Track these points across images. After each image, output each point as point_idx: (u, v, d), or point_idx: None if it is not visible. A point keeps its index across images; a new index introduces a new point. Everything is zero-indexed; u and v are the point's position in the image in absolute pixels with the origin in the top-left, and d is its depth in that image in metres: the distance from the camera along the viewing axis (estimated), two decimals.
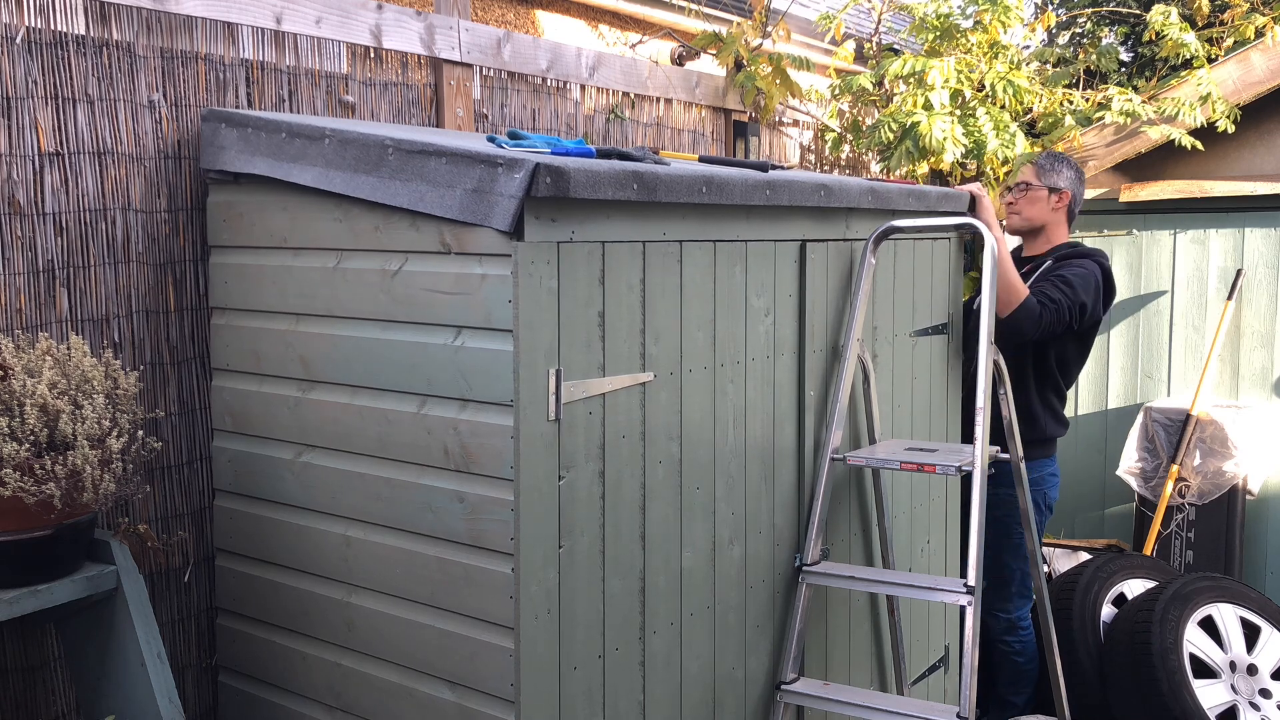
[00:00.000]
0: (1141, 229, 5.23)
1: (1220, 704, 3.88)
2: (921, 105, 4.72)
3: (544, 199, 2.11)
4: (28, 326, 2.44)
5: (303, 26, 2.92)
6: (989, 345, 3.03)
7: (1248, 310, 4.99)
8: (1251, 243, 4.98)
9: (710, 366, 2.62)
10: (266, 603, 2.66)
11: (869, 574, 3.01)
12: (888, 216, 3.20)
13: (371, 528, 2.43)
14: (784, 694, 2.87)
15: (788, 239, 2.85)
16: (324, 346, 2.48)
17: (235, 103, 2.81)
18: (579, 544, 2.29)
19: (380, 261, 2.36)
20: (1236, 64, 4.90)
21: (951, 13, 5.09)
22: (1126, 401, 5.27)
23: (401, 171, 2.27)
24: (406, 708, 2.39)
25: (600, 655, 2.36)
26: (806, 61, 4.89)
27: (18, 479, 2.09)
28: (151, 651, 2.32)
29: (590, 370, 2.28)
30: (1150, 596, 4.08)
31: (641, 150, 2.59)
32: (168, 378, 2.72)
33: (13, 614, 2.15)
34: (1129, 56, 6.73)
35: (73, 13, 2.49)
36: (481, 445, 2.20)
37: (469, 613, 2.26)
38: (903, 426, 3.42)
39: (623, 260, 2.34)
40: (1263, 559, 4.93)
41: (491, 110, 3.57)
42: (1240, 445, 4.72)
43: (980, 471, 2.86)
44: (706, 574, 2.65)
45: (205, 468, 2.79)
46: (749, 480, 2.78)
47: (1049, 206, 3.97)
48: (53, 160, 2.47)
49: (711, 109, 4.66)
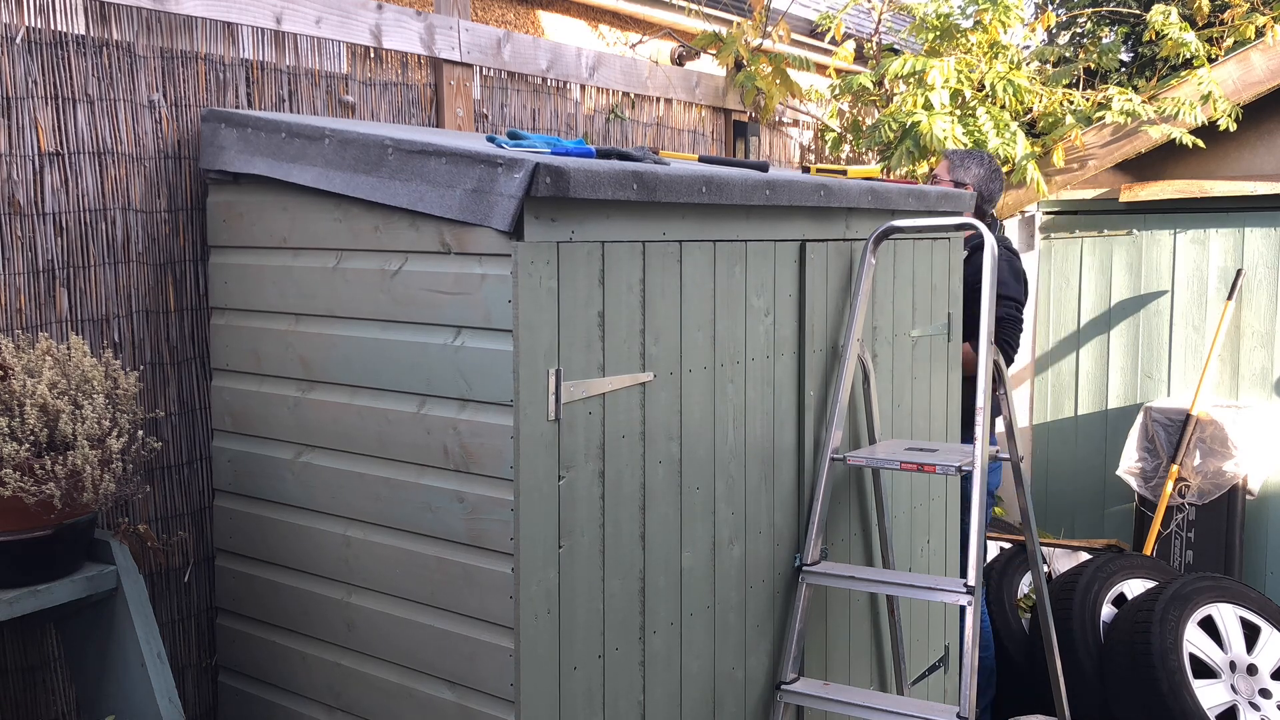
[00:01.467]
0: (1141, 229, 5.23)
1: (1220, 704, 3.88)
2: (921, 105, 4.72)
3: (544, 199, 2.11)
4: (28, 326, 2.44)
5: (303, 26, 2.92)
6: (989, 345, 3.03)
7: (1248, 310, 4.99)
8: (1251, 243, 4.98)
9: (710, 366, 2.62)
10: (266, 603, 2.66)
11: (869, 574, 3.01)
12: (888, 216, 3.20)
13: (371, 528, 2.43)
14: (784, 694, 2.87)
15: (787, 239, 2.85)
16: (324, 346, 2.48)
17: (235, 103, 2.81)
18: (579, 544, 2.29)
19: (380, 261, 2.36)
20: (1236, 64, 4.91)
21: (951, 13, 5.09)
22: (1126, 401, 5.27)
23: (401, 171, 2.27)
24: (406, 708, 2.39)
25: (600, 655, 2.36)
26: (806, 61, 4.89)
27: (18, 479, 2.09)
28: (151, 651, 2.32)
29: (590, 370, 2.28)
30: (1150, 596, 4.08)
31: (641, 150, 2.59)
32: (168, 378, 2.72)
33: (12, 614, 2.15)
34: (1129, 56, 6.73)
35: (73, 13, 2.49)
36: (481, 445, 2.20)
37: (469, 613, 2.26)
38: (902, 426, 3.42)
39: (622, 260, 2.34)
40: (1263, 559, 4.93)
41: (491, 110, 3.57)
42: (1240, 445, 4.72)
43: (980, 471, 2.86)
44: (706, 574, 2.65)
45: (205, 468, 2.79)
46: (749, 480, 2.78)
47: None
48: (53, 160, 2.47)
49: (711, 109, 4.66)
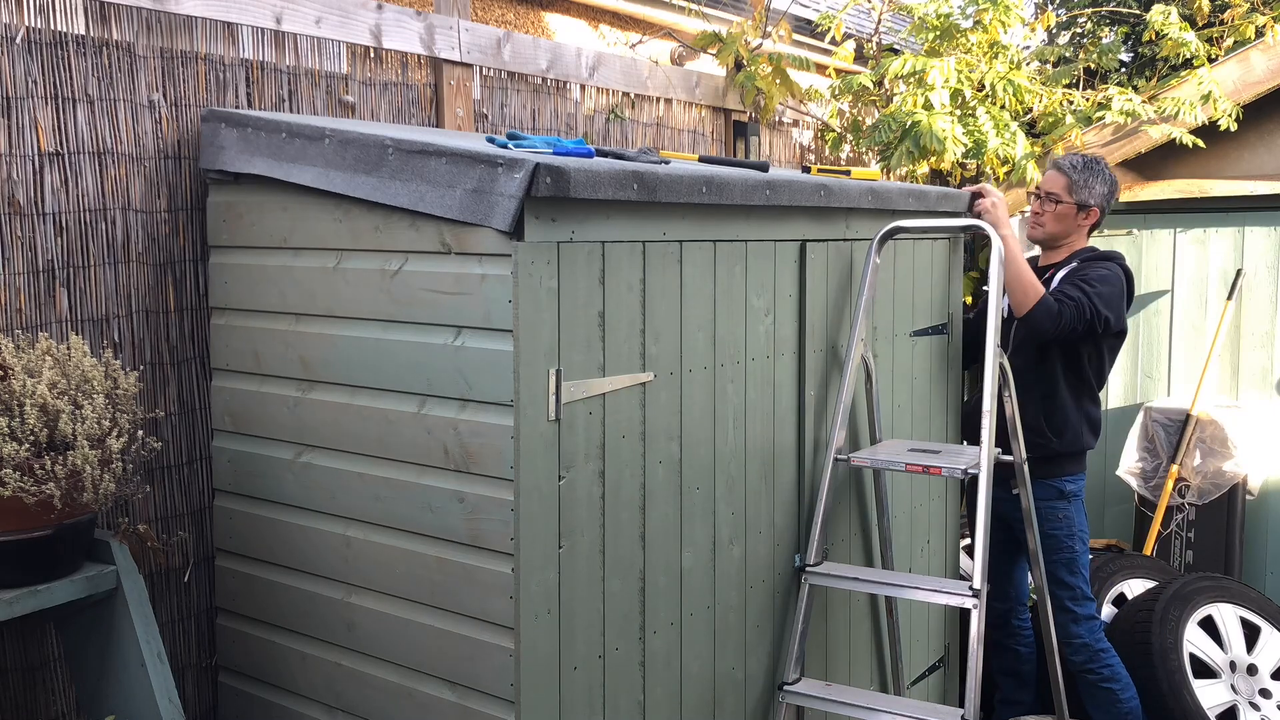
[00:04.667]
0: (1142, 228, 5.23)
1: (1220, 704, 3.88)
2: (922, 105, 4.72)
3: (544, 199, 2.11)
4: (28, 326, 2.44)
5: (303, 26, 2.92)
6: (995, 347, 3.01)
7: (1248, 310, 4.99)
8: (1252, 243, 4.98)
9: (710, 366, 2.61)
10: (266, 603, 2.66)
11: (873, 575, 3.01)
12: (888, 217, 3.20)
13: (371, 528, 2.43)
14: (786, 694, 2.87)
15: (788, 239, 2.85)
16: (324, 346, 2.48)
17: (235, 103, 2.80)
18: (579, 544, 2.29)
19: (380, 261, 2.36)
20: (1237, 64, 4.90)
21: (951, 13, 5.08)
22: (1126, 401, 5.27)
23: (401, 171, 2.27)
24: (406, 708, 2.39)
25: (600, 655, 2.36)
26: (806, 61, 4.89)
27: (18, 479, 2.09)
28: (151, 651, 2.32)
29: (590, 370, 2.28)
30: (1150, 596, 4.08)
31: (640, 150, 2.59)
32: (168, 378, 2.72)
33: (13, 614, 2.14)
34: (1129, 56, 6.74)
35: (73, 13, 2.48)
36: (481, 445, 2.20)
37: (469, 613, 2.26)
38: (902, 426, 3.42)
39: (623, 260, 2.34)
40: (1263, 559, 4.93)
41: (491, 110, 3.57)
42: (1240, 445, 4.72)
43: (986, 474, 2.86)
44: (706, 574, 2.65)
45: (205, 468, 2.79)
46: (749, 480, 2.78)
47: (1075, 222, 3.71)
48: (53, 160, 2.47)
49: (711, 109, 4.66)
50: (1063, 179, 3.71)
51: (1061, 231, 3.74)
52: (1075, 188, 3.68)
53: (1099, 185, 3.70)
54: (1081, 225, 3.73)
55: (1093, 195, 3.69)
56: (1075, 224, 3.73)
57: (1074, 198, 3.69)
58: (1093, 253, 3.73)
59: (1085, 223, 3.73)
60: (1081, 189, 3.68)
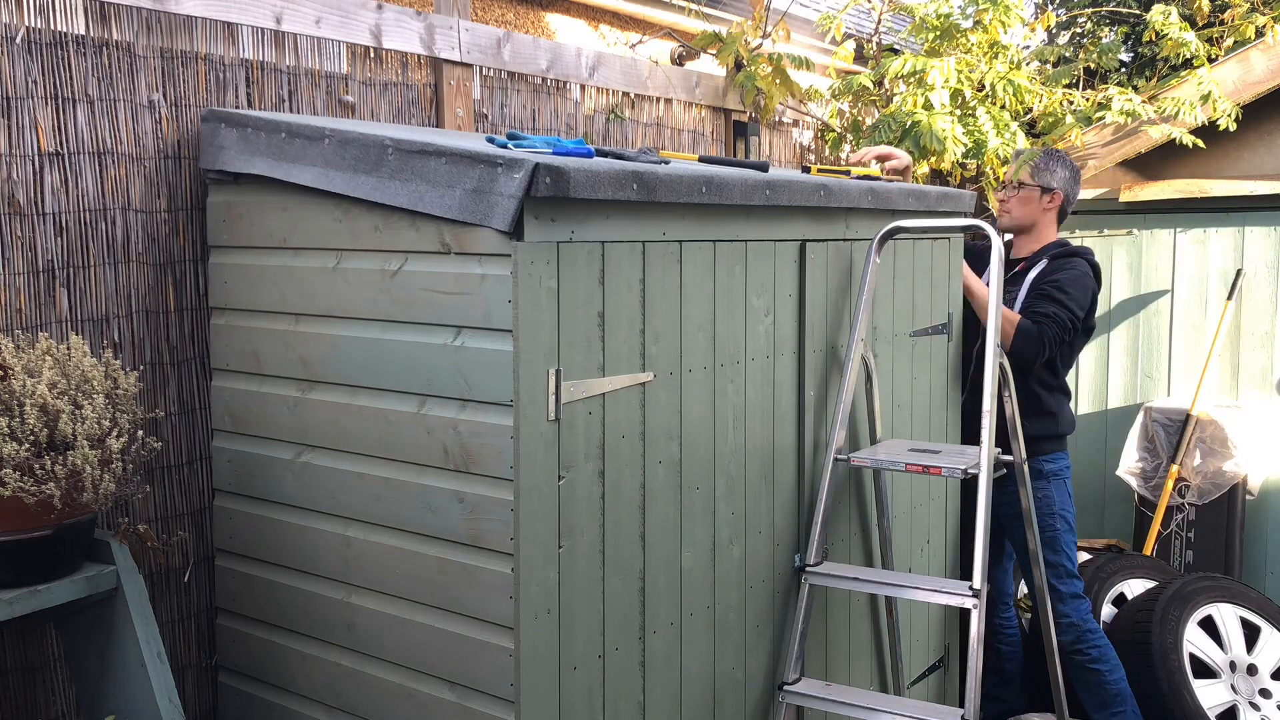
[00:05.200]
0: (1141, 229, 5.23)
1: (1220, 704, 3.88)
2: (922, 105, 4.71)
3: (544, 199, 2.11)
4: (28, 326, 2.44)
5: (303, 26, 2.92)
6: (995, 347, 3.01)
7: (1248, 310, 4.99)
8: (1251, 243, 4.98)
9: (710, 366, 2.61)
10: (266, 603, 2.66)
11: (873, 575, 3.01)
12: (888, 216, 3.20)
13: (371, 528, 2.43)
14: (786, 694, 2.87)
15: (787, 239, 2.85)
16: (324, 346, 2.48)
17: (235, 103, 2.81)
18: (579, 544, 2.29)
19: (380, 262, 2.36)
20: (1237, 64, 4.90)
21: (951, 13, 5.08)
22: (1126, 401, 5.27)
23: (401, 171, 2.27)
24: (406, 708, 2.39)
25: (600, 655, 2.36)
26: (806, 61, 4.88)
27: (18, 479, 2.09)
28: (151, 651, 2.32)
29: (590, 370, 2.28)
30: (1150, 596, 4.08)
31: (640, 150, 2.59)
32: (168, 378, 2.72)
33: (13, 614, 2.14)
34: (1129, 56, 6.73)
35: (73, 13, 2.48)
36: (481, 445, 2.20)
37: (469, 613, 2.26)
38: (902, 426, 3.42)
39: (622, 260, 2.34)
40: (1263, 559, 4.93)
41: (491, 110, 3.57)
42: (1240, 445, 4.72)
43: (986, 474, 2.86)
44: (706, 574, 2.65)
45: (205, 468, 2.79)
46: (749, 480, 2.78)
47: (1040, 206, 3.89)
48: (53, 160, 2.47)
49: (711, 109, 4.66)
50: (1025, 166, 3.95)
51: (1027, 216, 3.92)
52: (1037, 171, 3.90)
53: (1060, 169, 3.90)
54: (1048, 209, 3.91)
55: (1055, 178, 3.90)
56: (1040, 209, 3.91)
57: (1036, 180, 3.89)
58: (1062, 248, 3.87)
59: (1051, 206, 3.90)
60: (1043, 172, 3.89)
